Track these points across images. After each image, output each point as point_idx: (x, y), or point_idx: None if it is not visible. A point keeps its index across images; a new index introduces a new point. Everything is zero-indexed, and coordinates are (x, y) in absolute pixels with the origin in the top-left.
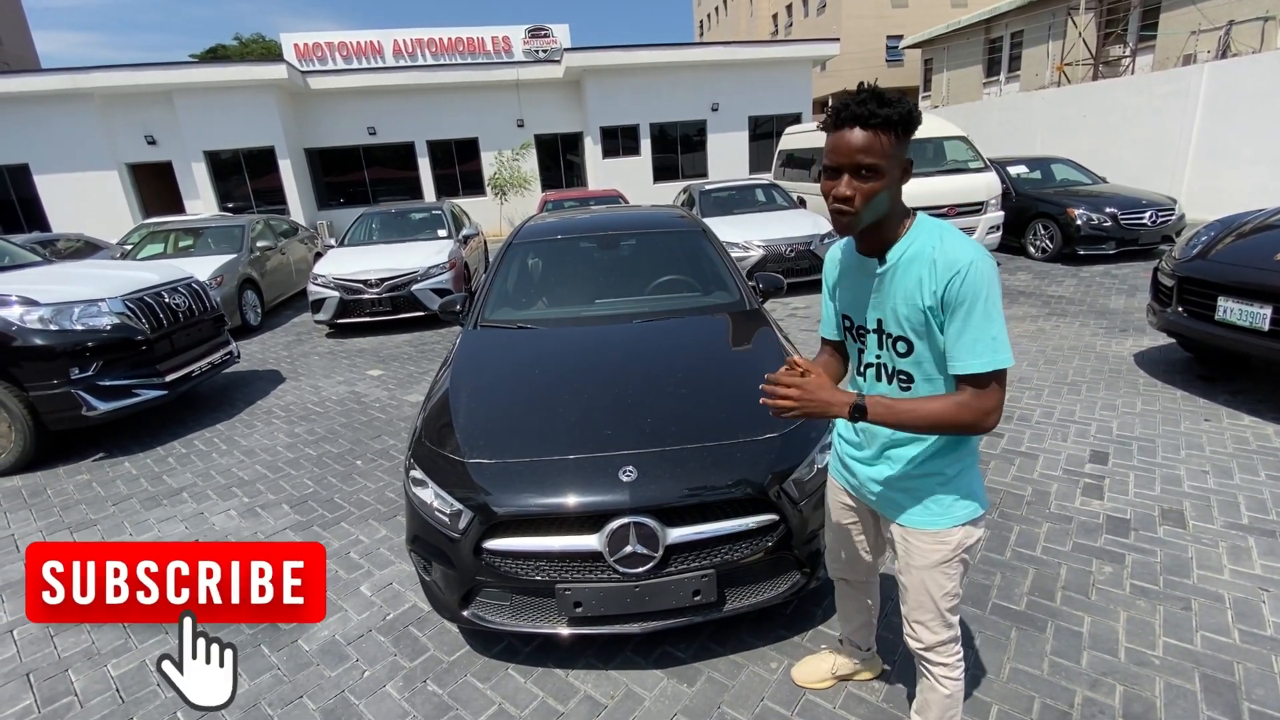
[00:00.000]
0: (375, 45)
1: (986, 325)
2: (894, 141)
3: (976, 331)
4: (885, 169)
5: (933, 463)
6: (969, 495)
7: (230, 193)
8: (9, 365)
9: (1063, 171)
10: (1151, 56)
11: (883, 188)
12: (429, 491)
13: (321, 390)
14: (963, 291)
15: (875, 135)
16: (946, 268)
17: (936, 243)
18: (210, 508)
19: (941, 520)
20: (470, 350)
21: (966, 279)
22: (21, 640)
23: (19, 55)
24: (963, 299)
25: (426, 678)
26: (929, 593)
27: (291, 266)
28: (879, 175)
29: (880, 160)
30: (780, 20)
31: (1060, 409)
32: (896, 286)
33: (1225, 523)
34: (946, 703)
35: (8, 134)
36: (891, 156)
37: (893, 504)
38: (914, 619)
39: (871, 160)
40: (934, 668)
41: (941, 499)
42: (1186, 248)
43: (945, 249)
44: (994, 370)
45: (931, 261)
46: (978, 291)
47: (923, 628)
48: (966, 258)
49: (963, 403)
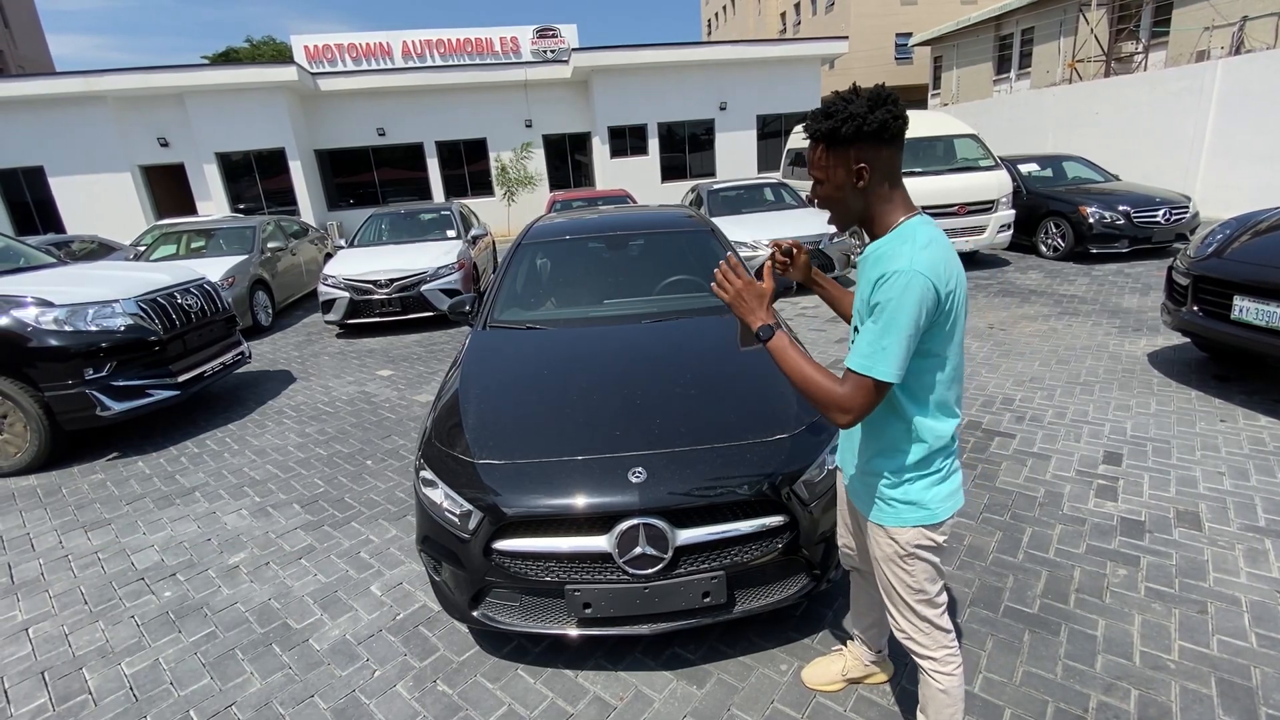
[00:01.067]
0: (384, 46)
1: (882, 333)
2: (825, 151)
3: (873, 335)
4: (824, 176)
5: (876, 463)
6: (915, 502)
7: (241, 194)
8: (24, 366)
9: (1074, 169)
10: (1164, 53)
11: (826, 193)
12: (439, 492)
13: (332, 390)
14: (878, 294)
15: (813, 148)
16: (880, 269)
17: (893, 247)
18: (222, 507)
19: (888, 518)
20: (479, 351)
21: (887, 285)
22: (36, 638)
23: (33, 59)
24: (876, 300)
25: (436, 678)
26: (893, 586)
27: (302, 267)
28: (820, 182)
29: (818, 171)
30: (788, 18)
31: (1073, 409)
32: (860, 277)
33: (1242, 525)
34: (942, 699)
35: (23, 137)
36: (825, 166)
37: (855, 493)
38: (889, 611)
39: (813, 171)
40: (923, 661)
41: (889, 498)
42: (1201, 246)
43: (893, 254)
44: (860, 372)
45: (879, 261)
46: (889, 299)
47: (898, 615)
48: (894, 267)
49: (830, 385)
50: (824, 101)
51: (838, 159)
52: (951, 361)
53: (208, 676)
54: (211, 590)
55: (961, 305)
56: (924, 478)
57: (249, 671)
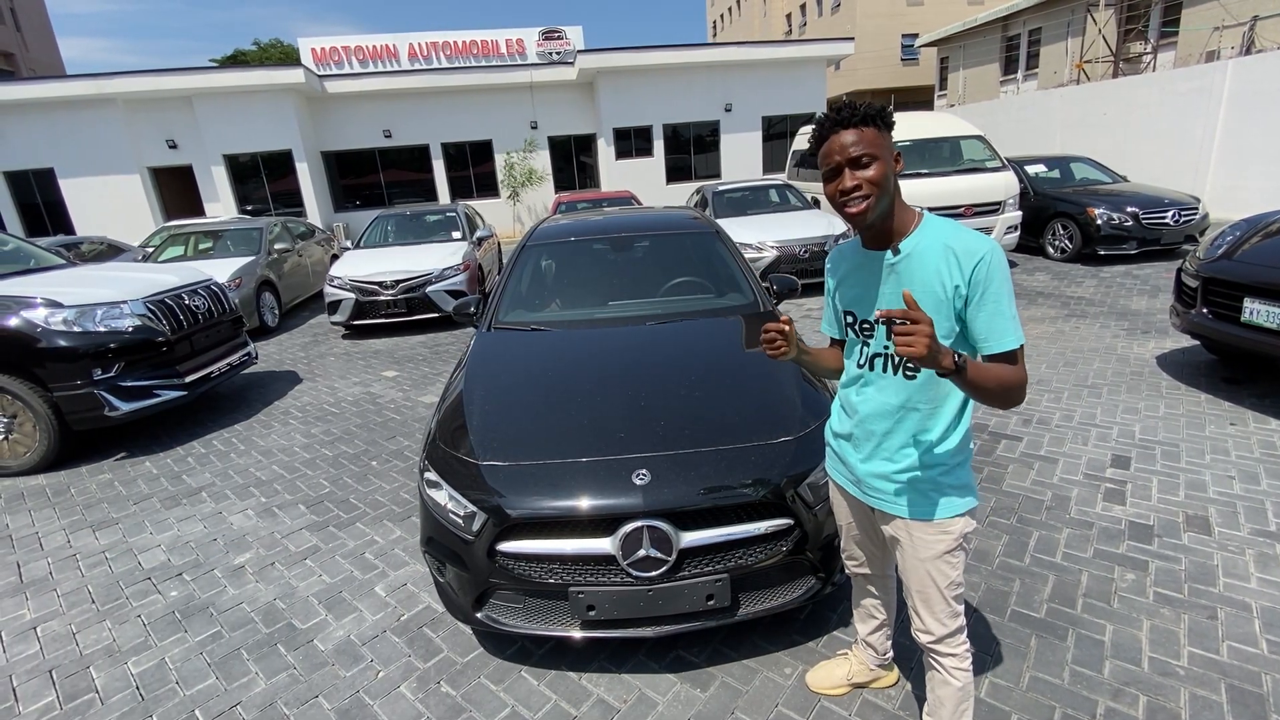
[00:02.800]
0: (391, 49)
1: (1007, 306)
2: (876, 132)
3: (1001, 312)
4: (879, 154)
5: (937, 454)
6: (966, 486)
7: (249, 195)
8: (34, 366)
9: (1082, 170)
10: (1173, 53)
11: (883, 171)
12: (443, 493)
13: (337, 391)
14: (988, 276)
15: (859, 130)
16: (969, 256)
17: (949, 235)
18: (228, 507)
19: (944, 510)
20: (484, 352)
21: (990, 264)
22: (45, 637)
23: (45, 61)
24: (988, 282)
25: (440, 679)
26: (935, 584)
27: (308, 268)
28: (875, 160)
29: (873, 148)
30: (794, 20)
31: (1080, 412)
32: (912, 275)
33: (1252, 529)
34: (959, 696)
35: (34, 139)
36: (880, 145)
37: (893, 499)
38: (922, 613)
39: (866, 148)
40: (944, 659)
41: (944, 489)
42: (1211, 247)
43: (962, 240)
44: (1018, 346)
45: (949, 251)
46: (997, 276)
47: (932, 620)
48: (986, 246)
49: (1020, 373)
50: (832, 109)
51: (886, 141)
52: None
53: (213, 676)
54: (217, 590)
55: None
56: (967, 460)
57: (254, 671)
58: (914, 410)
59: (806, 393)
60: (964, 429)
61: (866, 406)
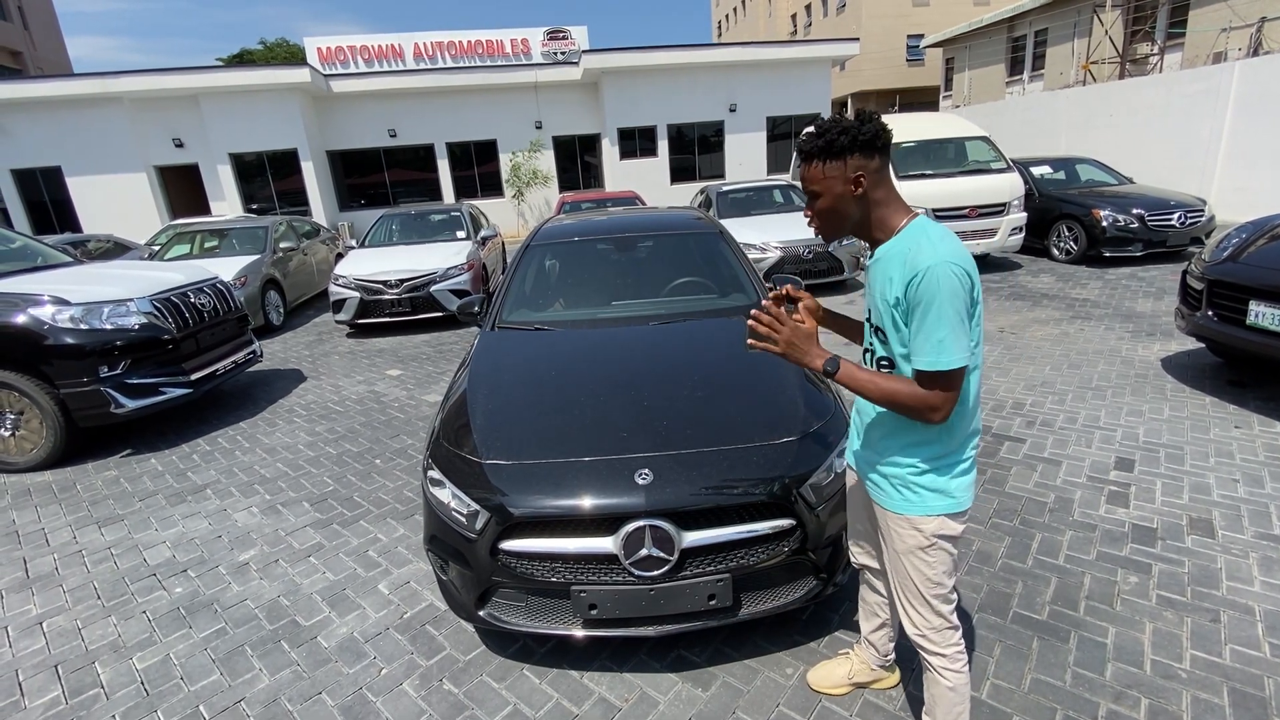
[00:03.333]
0: (396, 48)
1: (935, 328)
2: (820, 165)
3: (926, 333)
4: (822, 190)
5: (909, 452)
6: (942, 490)
7: (254, 194)
8: (40, 363)
9: (1087, 172)
10: (1180, 54)
11: (826, 205)
12: (446, 491)
13: (342, 389)
14: (919, 293)
15: (808, 164)
16: (910, 269)
17: (913, 245)
18: (233, 504)
19: (915, 507)
20: (488, 352)
21: (923, 282)
22: (51, 632)
23: (52, 60)
24: (919, 300)
25: (443, 676)
26: (911, 578)
27: (313, 267)
28: (816, 196)
29: (816, 185)
30: (799, 20)
31: (1084, 414)
32: (876, 280)
33: (1256, 533)
34: (951, 697)
35: (41, 137)
36: (822, 178)
37: (874, 486)
38: (902, 604)
39: (811, 184)
40: (932, 658)
41: (913, 488)
42: (1217, 250)
43: (916, 251)
44: (933, 370)
45: (902, 262)
46: (932, 295)
47: (913, 612)
48: (925, 263)
49: (914, 391)
50: (814, 126)
51: (834, 171)
52: (978, 350)
53: (217, 672)
54: (222, 586)
55: (980, 296)
56: (953, 466)
57: (258, 668)
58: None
59: (809, 394)
60: (950, 439)
61: (860, 400)
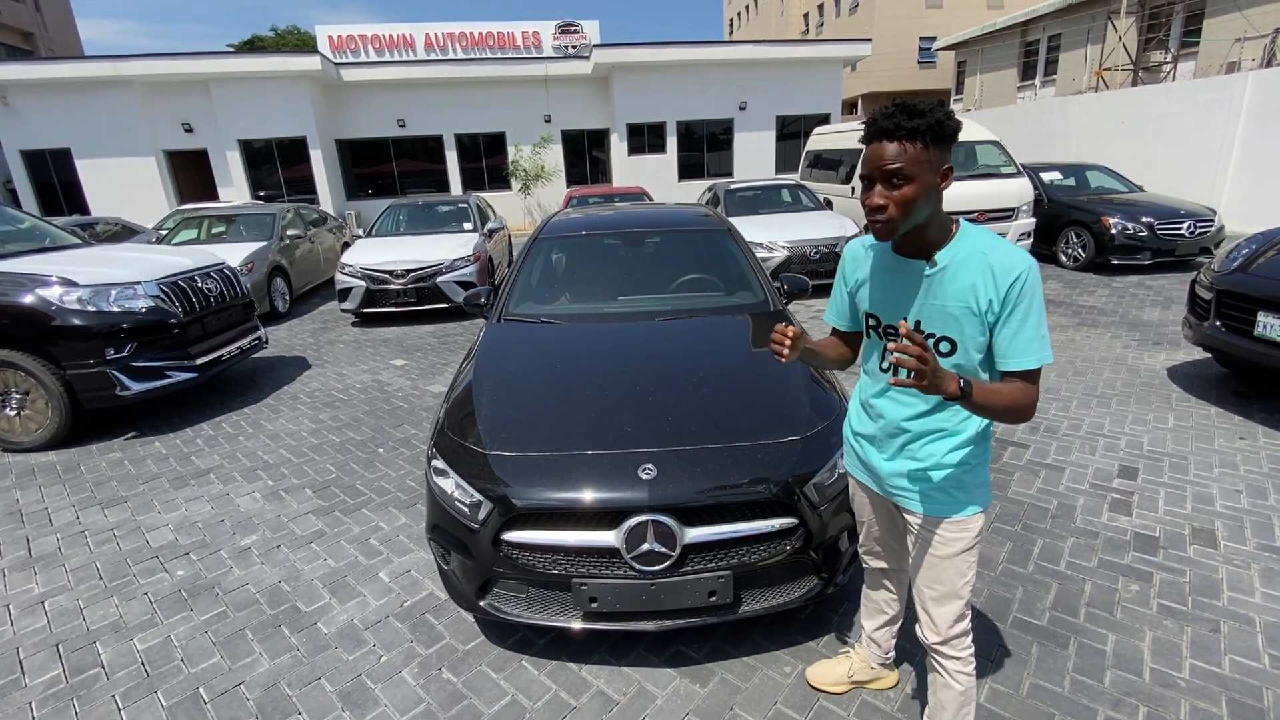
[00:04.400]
0: (407, 38)
1: (1040, 325)
2: (922, 149)
3: (1032, 331)
4: (915, 175)
5: (962, 452)
6: (986, 484)
7: (262, 181)
8: (47, 344)
9: (1097, 179)
10: (1194, 63)
11: (915, 193)
12: (450, 481)
13: (346, 378)
14: (1022, 294)
15: (902, 145)
16: (1006, 272)
17: (987, 248)
18: (236, 489)
19: (966, 508)
20: (494, 343)
21: (1026, 283)
22: (52, 611)
23: (63, 42)
24: (1020, 301)
25: (442, 665)
26: (952, 582)
27: (320, 255)
28: (909, 181)
29: (908, 167)
30: (811, 19)
31: (1089, 422)
32: (947, 287)
33: (1259, 544)
34: (960, 700)
35: (52, 118)
36: (921, 163)
37: (916, 497)
38: (932, 611)
39: (898, 167)
40: (948, 662)
41: (966, 487)
42: (1226, 260)
43: (999, 255)
44: (1039, 367)
45: (986, 266)
46: (1031, 294)
47: (942, 619)
48: (1024, 263)
49: (1029, 394)
50: (894, 104)
51: (932, 158)
52: None
53: (218, 655)
54: (223, 570)
55: None
56: (988, 458)
57: (258, 652)
58: (937, 412)
59: (815, 393)
60: (986, 427)
61: (891, 409)
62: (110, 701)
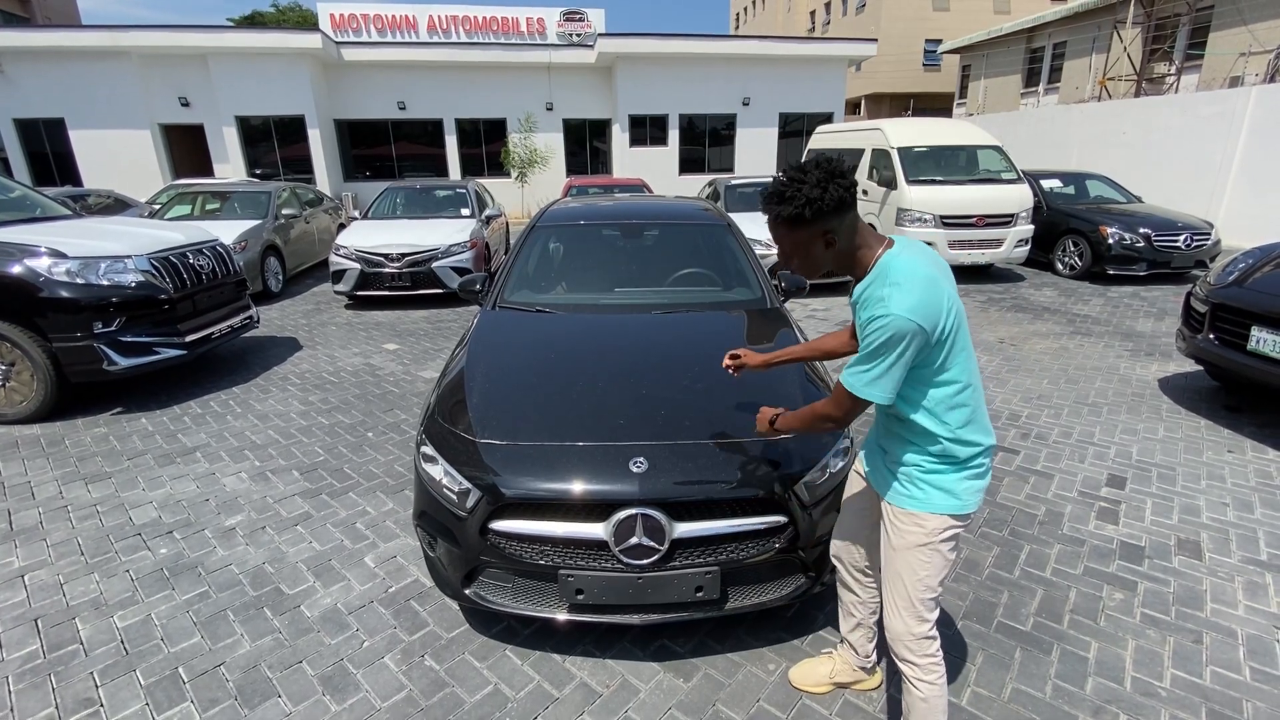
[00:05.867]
0: (410, 19)
1: (870, 365)
2: (788, 229)
3: (863, 363)
4: (790, 251)
5: (916, 451)
6: (947, 491)
7: (259, 159)
8: (34, 315)
9: (1097, 188)
10: (1197, 76)
11: (801, 263)
12: (439, 468)
13: (337, 360)
14: (867, 335)
15: (776, 225)
16: (866, 312)
17: (877, 289)
18: (222, 469)
19: (919, 504)
20: (487, 331)
21: (874, 327)
22: (32, 586)
23: (60, 10)
24: (866, 338)
25: (425, 652)
26: (903, 576)
27: (315, 236)
28: (789, 256)
29: (787, 246)
30: (818, 17)
31: (1079, 430)
32: (861, 315)
33: (1243, 557)
34: (922, 708)
35: (46, 87)
36: (793, 240)
37: (884, 481)
38: (889, 603)
39: (782, 246)
40: (905, 666)
41: (919, 484)
42: (1223, 274)
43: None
44: (845, 387)
45: (864, 302)
46: (878, 340)
47: (895, 613)
48: (879, 311)
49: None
50: (773, 182)
51: (805, 235)
52: (959, 370)
53: (198, 635)
54: (207, 550)
55: (958, 319)
56: (953, 468)
57: (239, 633)
58: (896, 418)
59: (809, 392)
60: (944, 440)
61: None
62: (88, 678)
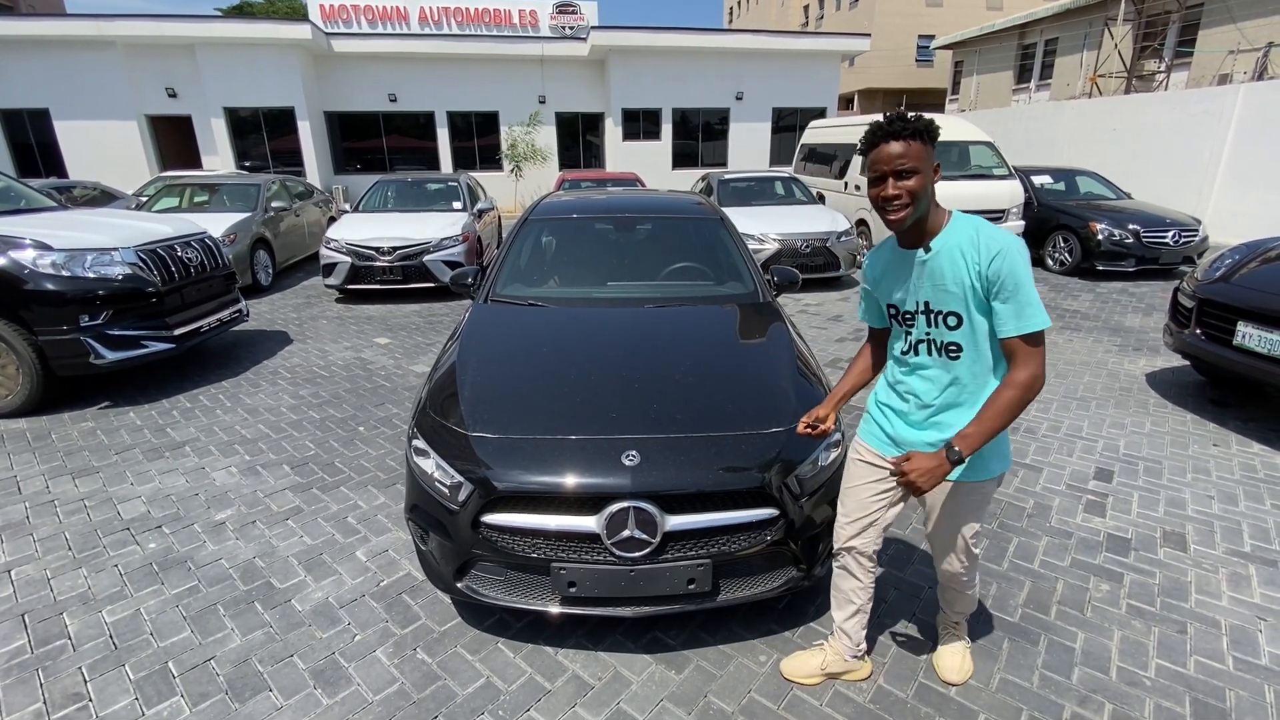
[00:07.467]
0: (400, 10)
1: (1024, 292)
2: (921, 145)
3: (1015, 299)
4: (918, 168)
5: None
6: (1003, 455)
7: (248, 151)
8: (19, 308)
9: (1087, 184)
10: (1187, 73)
11: (920, 183)
12: (430, 462)
13: (328, 354)
14: (1000, 266)
15: (906, 143)
16: (989, 250)
17: (974, 232)
18: (212, 463)
19: (989, 471)
20: (480, 324)
21: (1006, 256)
22: (19, 581)
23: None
24: (1006, 274)
25: (417, 646)
26: (964, 534)
27: (305, 229)
28: (915, 173)
29: (913, 160)
30: (811, 12)
31: (1068, 424)
32: (944, 270)
33: (1227, 549)
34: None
35: (30, 77)
36: (921, 157)
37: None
38: (951, 562)
39: (909, 162)
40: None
41: (986, 454)
42: (1210, 270)
43: (984, 235)
44: (1034, 330)
45: (974, 246)
46: (1015, 264)
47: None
48: (1005, 241)
49: (1022, 390)
50: (888, 114)
51: (928, 154)
52: None
53: (188, 629)
54: (196, 545)
55: None
56: None
57: (230, 627)
58: (961, 384)
59: (800, 385)
60: None
61: (918, 385)
62: (77, 673)
